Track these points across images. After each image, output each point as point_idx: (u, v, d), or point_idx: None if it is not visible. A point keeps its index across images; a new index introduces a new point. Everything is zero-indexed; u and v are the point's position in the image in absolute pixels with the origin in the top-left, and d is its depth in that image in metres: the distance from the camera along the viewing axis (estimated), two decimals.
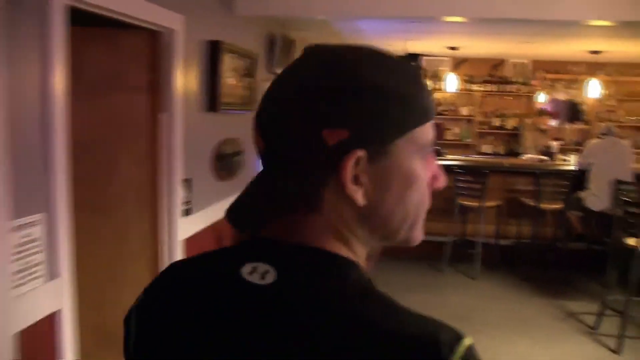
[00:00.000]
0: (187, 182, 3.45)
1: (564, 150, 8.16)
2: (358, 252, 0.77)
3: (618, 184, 5.90)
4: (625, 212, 4.65)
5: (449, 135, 8.87)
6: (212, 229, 3.91)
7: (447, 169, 5.28)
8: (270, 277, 0.70)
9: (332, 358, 0.64)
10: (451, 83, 8.07)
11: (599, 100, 8.73)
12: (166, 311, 0.76)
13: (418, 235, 0.80)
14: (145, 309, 0.79)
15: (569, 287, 5.90)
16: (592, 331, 4.80)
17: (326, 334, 0.66)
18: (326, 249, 0.73)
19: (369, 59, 0.73)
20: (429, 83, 8.83)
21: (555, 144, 7.57)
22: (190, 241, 3.54)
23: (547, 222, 7.00)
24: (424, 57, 8.72)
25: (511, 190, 6.88)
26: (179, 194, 3.30)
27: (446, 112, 8.89)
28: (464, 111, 8.91)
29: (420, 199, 0.77)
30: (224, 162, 4.09)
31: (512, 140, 8.99)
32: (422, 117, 0.74)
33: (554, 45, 6.93)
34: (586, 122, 9.02)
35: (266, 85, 0.83)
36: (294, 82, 0.74)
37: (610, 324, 4.84)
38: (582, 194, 6.35)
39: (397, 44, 7.39)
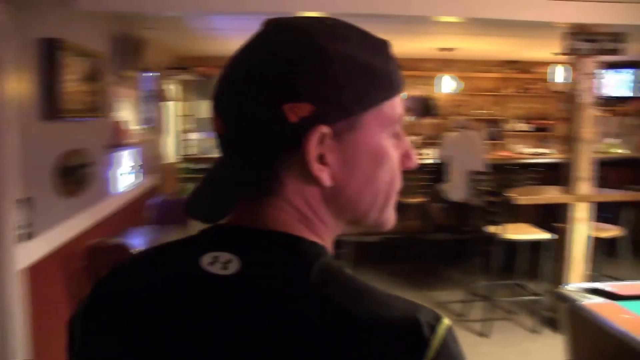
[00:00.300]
0: (26, 202, 2.99)
1: (421, 145, 8.42)
2: (325, 236, 0.72)
3: (473, 175, 6.15)
4: (484, 201, 4.81)
5: None
6: (61, 252, 3.47)
7: None
8: (234, 267, 0.65)
9: (304, 350, 0.60)
10: None
11: (451, 96, 9.14)
12: (116, 311, 0.70)
13: (390, 218, 0.77)
14: (92, 310, 0.73)
15: (436, 278, 6.05)
16: (461, 318, 4.92)
17: (297, 323, 0.61)
18: (291, 233, 0.68)
19: (333, 29, 0.69)
20: None
21: (413, 139, 7.78)
22: (33, 269, 3.08)
23: (412, 216, 7.17)
24: None
25: None
26: (13, 216, 2.84)
27: None
28: None
29: (390, 179, 0.73)
30: (71, 176, 3.65)
31: None
32: (390, 89, 0.70)
33: (408, 42, 7.09)
34: (440, 117, 9.40)
35: (115, 89, 0.70)
36: (252, 56, 0.68)
37: (477, 310, 5.00)
38: (443, 186, 6.56)
39: None
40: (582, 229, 4.45)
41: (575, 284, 2.81)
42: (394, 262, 6.24)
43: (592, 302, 2.51)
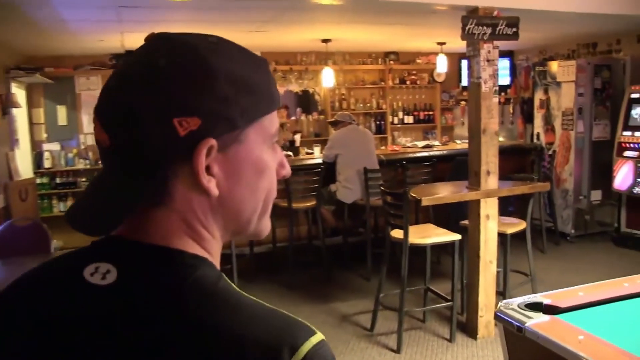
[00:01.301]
0: None
1: (305, 143, 7.95)
2: (210, 248, 0.74)
3: (366, 173, 5.76)
4: (386, 203, 4.39)
5: None
6: None
7: None
8: (111, 277, 0.68)
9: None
10: None
11: (332, 90, 8.74)
12: (4, 323, 0.71)
13: (267, 226, 0.80)
14: None
15: (336, 287, 5.59)
16: (370, 333, 4.48)
17: (161, 338, 0.63)
18: (173, 246, 0.70)
19: (217, 46, 0.71)
20: None
21: (297, 138, 7.28)
22: None
23: (301, 221, 6.67)
24: None
25: None
26: None
27: None
28: None
29: (270, 188, 0.76)
30: None
31: None
32: (270, 105, 0.74)
33: (286, 34, 6.57)
34: (321, 112, 8.98)
35: None
36: (140, 70, 0.69)
37: (385, 321, 4.60)
38: (333, 187, 6.11)
39: (113, 39, 6.33)
40: (492, 226, 4.16)
41: (510, 300, 2.44)
42: (288, 273, 5.68)
43: (536, 323, 2.20)
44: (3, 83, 5.95)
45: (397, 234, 4.23)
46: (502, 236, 4.34)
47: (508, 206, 5.00)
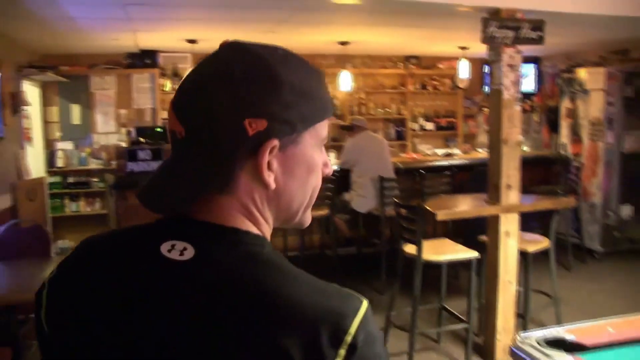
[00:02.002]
0: None
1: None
2: (265, 231, 0.84)
3: (381, 182, 5.52)
4: (400, 215, 4.15)
5: None
6: None
7: None
8: (189, 254, 0.76)
9: (245, 328, 0.71)
10: None
11: (350, 94, 8.51)
12: (81, 284, 0.79)
13: (309, 217, 0.91)
14: (59, 281, 0.82)
15: None
16: None
17: (240, 302, 0.72)
18: (239, 227, 0.80)
19: (284, 58, 0.81)
20: (168, 82, 7.78)
21: None
22: None
23: (314, 230, 6.46)
24: (161, 54, 7.61)
25: None
26: None
27: None
28: None
29: (316, 184, 0.88)
30: None
31: None
32: (324, 113, 0.84)
33: (302, 35, 6.37)
34: (339, 117, 8.75)
35: None
36: (218, 73, 0.78)
37: (396, 340, 4.35)
38: (347, 196, 5.88)
39: (125, 37, 6.18)
40: (512, 244, 3.89)
41: (529, 333, 2.18)
42: None
43: None
44: (15, 81, 5.83)
45: (410, 249, 3.99)
46: (523, 254, 4.06)
47: (531, 221, 4.71)
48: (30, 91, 6.97)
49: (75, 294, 0.79)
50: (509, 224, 3.89)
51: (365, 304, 0.76)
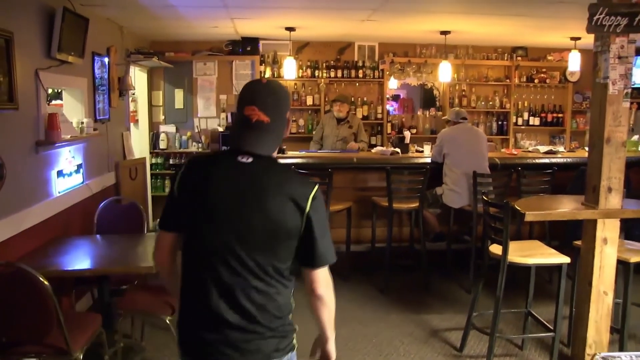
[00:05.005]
0: None
1: (417, 140, 7.55)
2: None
3: (475, 177, 5.30)
4: (487, 213, 3.95)
5: (293, 128, 7.86)
6: None
7: None
8: (250, 160, 1.78)
9: (275, 185, 1.76)
10: (290, 69, 7.10)
11: (452, 85, 8.26)
12: (197, 171, 1.81)
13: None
14: (185, 170, 1.83)
15: (432, 296, 5.22)
16: (458, 354, 4.08)
17: (276, 176, 1.79)
18: (273, 156, 1.86)
19: (284, 86, 1.95)
20: (268, 69, 7.88)
21: (407, 134, 6.91)
22: None
23: (404, 222, 6.33)
24: (262, 42, 7.73)
25: (363, 188, 6.10)
26: None
27: None
28: (309, 100, 7.98)
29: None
30: None
31: (364, 131, 8.25)
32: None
33: (399, 23, 6.22)
34: (439, 109, 8.53)
35: (46, 75, 3.62)
36: (273, 92, 1.84)
37: (477, 342, 4.18)
38: (439, 190, 5.70)
39: (224, 25, 6.32)
40: (609, 252, 3.60)
41: (612, 354, 1.98)
42: (384, 276, 5.37)
43: None
44: (122, 66, 6.13)
45: (496, 249, 3.79)
46: (624, 264, 3.74)
47: (636, 229, 4.35)
48: (139, 77, 7.33)
49: (195, 173, 1.80)
50: (608, 230, 3.60)
51: (317, 186, 1.83)
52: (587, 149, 7.31)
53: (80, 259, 3.72)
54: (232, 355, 1.75)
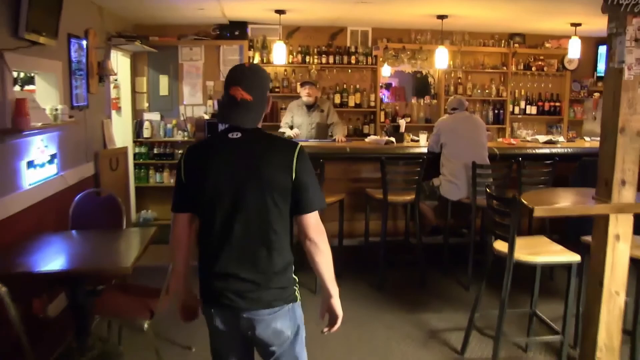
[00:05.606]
0: None
1: (412, 129, 7.28)
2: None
3: (474, 168, 5.04)
4: (491, 208, 3.70)
5: (283, 115, 7.54)
6: None
7: None
8: (239, 135, 2.09)
9: (269, 150, 2.08)
10: (280, 54, 6.78)
11: (447, 72, 7.98)
12: (197, 152, 2.13)
13: None
14: (186, 155, 2.14)
15: (429, 294, 4.97)
16: (459, 357, 3.84)
17: (263, 145, 2.09)
18: (259, 128, 2.17)
19: (264, 69, 2.27)
20: (257, 55, 7.56)
21: (402, 122, 6.63)
22: None
23: (398, 215, 6.07)
24: (250, 26, 7.41)
25: (356, 180, 5.84)
26: None
27: (278, 89, 7.58)
28: (300, 87, 7.67)
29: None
30: None
31: (355, 119, 7.97)
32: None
33: (395, 7, 5.94)
34: (434, 96, 8.25)
35: (13, 56, 3.35)
36: (255, 74, 2.13)
37: (479, 343, 3.95)
38: (436, 181, 5.45)
39: (211, 7, 6.00)
40: (622, 249, 3.35)
41: None
42: (378, 272, 5.11)
43: None
44: (103, 50, 5.80)
45: (501, 246, 3.54)
46: (635, 262, 3.50)
47: None
48: (122, 62, 6.99)
49: (195, 157, 2.11)
50: (621, 226, 3.34)
51: (299, 145, 2.12)
52: (587, 139, 7.14)
53: (51, 258, 3.38)
54: (235, 301, 2.06)
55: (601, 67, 8.34)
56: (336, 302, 2.24)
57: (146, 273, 3.78)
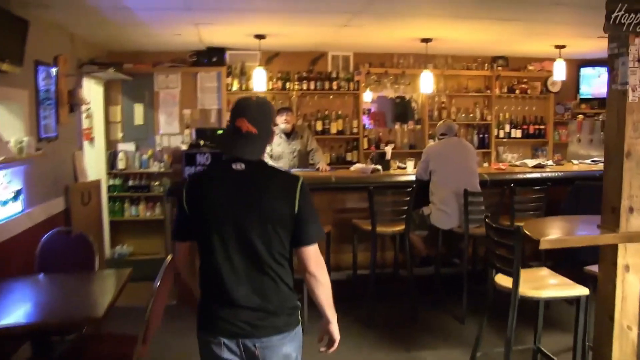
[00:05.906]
0: None
1: (397, 156, 7.07)
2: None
3: (466, 195, 4.83)
4: (488, 237, 3.47)
5: None
6: None
7: None
8: (243, 167, 2.10)
9: (272, 183, 2.12)
10: (259, 80, 6.56)
11: (430, 97, 7.82)
12: (199, 182, 2.17)
13: None
14: (188, 185, 2.16)
15: (422, 329, 4.70)
16: None
17: (267, 178, 2.13)
18: (261, 159, 2.21)
19: (270, 103, 2.35)
20: (235, 82, 7.34)
21: (388, 149, 6.43)
22: None
23: (386, 246, 5.83)
24: (229, 52, 7.20)
25: (342, 210, 5.59)
26: None
27: None
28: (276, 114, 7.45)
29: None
30: None
31: (338, 146, 7.77)
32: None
33: (380, 30, 5.77)
34: (417, 122, 8.08)
35: None
36: (259, 108, 2.19)
37: None
38: (426, 210, 5.22)
39: (188, 32, 5.77)
40: (633, 281, 3.14)
41: None
42: (368, 307, 4.83)
43: None
44: (73, 78, 5.53)
45: (503, 281, 3.31)
46: None
47: None
48: (94, 90, 6.71)
49: (197, 186, 2.16)
50: (630, 256, 3.14)
51: (301, 178, 2.18)
52: (573, 161, 7.00)
53: (13, 308, 3.03)
54: (247, 330, 2.09)
55: (584, 89, 8.28)
56: (334, 328, 2.29)
57: (121, 315, 3.47)
